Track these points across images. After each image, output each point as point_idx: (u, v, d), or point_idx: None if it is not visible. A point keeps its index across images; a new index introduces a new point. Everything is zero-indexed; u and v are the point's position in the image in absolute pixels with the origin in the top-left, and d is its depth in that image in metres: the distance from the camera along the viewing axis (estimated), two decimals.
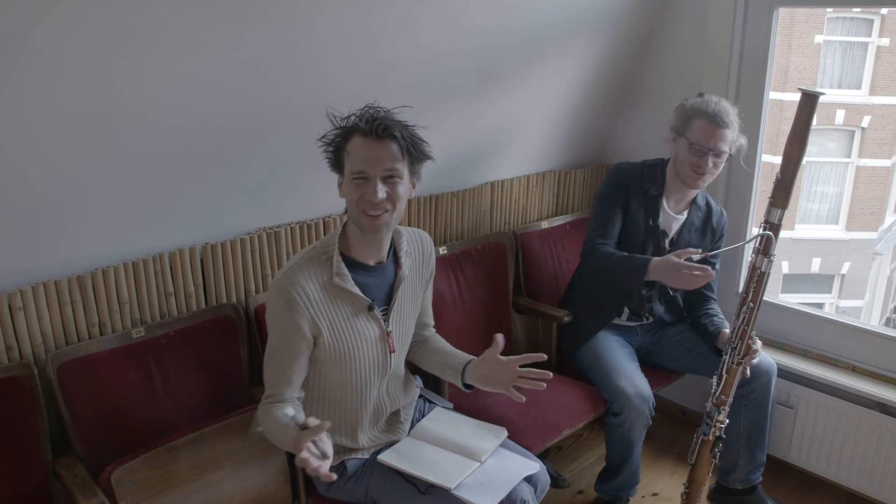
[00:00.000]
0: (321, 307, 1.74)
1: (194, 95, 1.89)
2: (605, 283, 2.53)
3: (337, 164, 1.74)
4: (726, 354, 2.22)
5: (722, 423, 2.26)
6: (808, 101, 1.97)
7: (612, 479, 2.50)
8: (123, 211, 1.99)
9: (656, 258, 2.36)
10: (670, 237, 2.51)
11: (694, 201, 2.51)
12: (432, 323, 2.12)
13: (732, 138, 2.33)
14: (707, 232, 2.55)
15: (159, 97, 1.83)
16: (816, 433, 2.68)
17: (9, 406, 1.81)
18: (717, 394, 2.24)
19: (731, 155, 2.35)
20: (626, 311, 2.59)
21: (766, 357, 2.46)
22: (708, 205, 2.56)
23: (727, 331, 2.22)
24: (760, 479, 2.56)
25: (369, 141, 1.67)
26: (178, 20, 1.72)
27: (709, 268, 2.23)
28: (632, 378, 2.36)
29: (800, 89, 1.98)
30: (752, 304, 2.13)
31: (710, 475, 2.36)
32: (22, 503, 1.84)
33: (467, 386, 1.92)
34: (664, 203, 2.49)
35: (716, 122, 2.30)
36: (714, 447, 2.29)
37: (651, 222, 2.48)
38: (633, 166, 2.54)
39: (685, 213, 2.51)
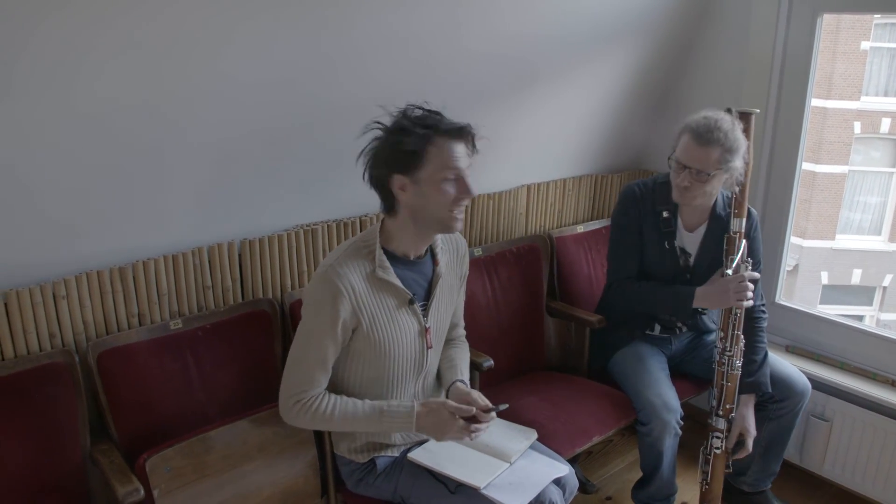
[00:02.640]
0: (364, 299, 1.76)
1: (235, 94, 1.92)
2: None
3: (405, 165, 1.72)
4: (721, 366, 2.29)
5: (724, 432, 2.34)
6: (745, 119, 2.21)
7: (645, 487, 2.48)
8: (165, 205, 2.03)
9: (700, 287, 2.32)
10: (693, 255, 2.43)
11: (713, 212, 2.39)
12: (462, 324, 2.14)
13: (718, 157, 2.15)
14: None
15: (201, 95, 1.87)
16: (852, 447, 2.64)
17: (50, 392, 1.86)
18: (721, 405, 2.30)
19: (710, 174, 2.18)
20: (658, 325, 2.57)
21: (803, 379, 2.43)
22: (729, 209, 2.41)
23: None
24: (769, 486, 2.56)
25: (456, 142, 1.71)
26: (219, 19, 1.76)
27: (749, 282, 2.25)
28: (658, 388, 2.33)
29: (737, 110, 2.21)
30: (738, 312, 2.29)
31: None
32: (61, 486, 1.88)
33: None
34: (679, 222, 2.41)
35: (696, 139, 2.17)
36: (729, 458, 2.37)
37: (667, 245, 2.41)
38: (643, 187, 2.44)
39: (703, 228, 2.41)
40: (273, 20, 1.84)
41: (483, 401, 1.85)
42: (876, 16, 9.58)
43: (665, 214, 2.40)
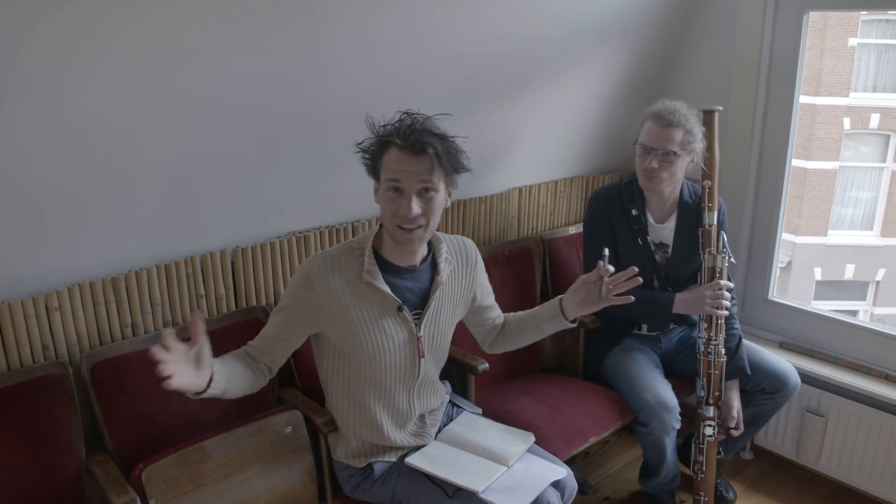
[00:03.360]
0: (342, 298, 1.76)
1: (226, 102, 1.92)
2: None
3: (373, 171, 1.75)
4: (707, 355, 2.35)
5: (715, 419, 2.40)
6: (709, 117, 2.33)
7: (653, 477, 2.50)
8: (157, 215, 2.03)
9: (680, 294, 2.38)
10: (670, 246, 2.47)
11: (680, 201, 2.45)
12: (500, 314, 2.13)
13: (681, 139, 2.27)
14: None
15: (190, 104, 1.86)
16: (848, 442, 2.65)
17: (44, 404, 1.85)
18: (710, 394, 2.37)
19: (676, 154, 2.27)
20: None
21: (795, 374, 2.46)
22: (695, 197, 2.45)
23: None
24: (730, 456, 2.64)
25: (406, 154, 1.66)
26: (218, 27, 1.76)
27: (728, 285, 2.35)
28: (654, 388, 2.34)
29: (701, 109, 2.32)
30: None
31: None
32: (56, 499, 1.88)
33: (573, 321, 1.98)
34: (649, 218, 2.46)
35: (659, 121, 2.28)
36: (721, 445, 2.46)
37: (640, 241, 2.45)
38: (610, 190, 2.51)
39: (673, 218, 2.46)
40: (267, 28, 1.84)
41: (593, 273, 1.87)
42: (862, 12, 9.65)
43: (634, 212, 2.45)
